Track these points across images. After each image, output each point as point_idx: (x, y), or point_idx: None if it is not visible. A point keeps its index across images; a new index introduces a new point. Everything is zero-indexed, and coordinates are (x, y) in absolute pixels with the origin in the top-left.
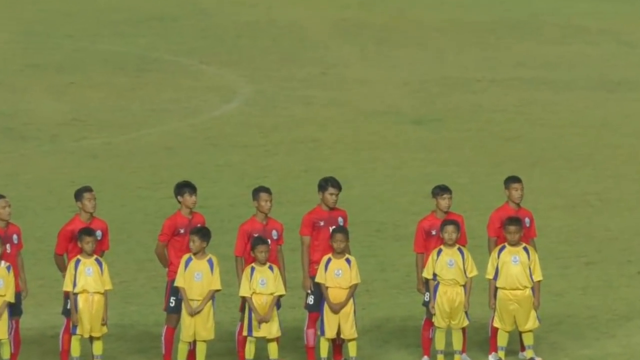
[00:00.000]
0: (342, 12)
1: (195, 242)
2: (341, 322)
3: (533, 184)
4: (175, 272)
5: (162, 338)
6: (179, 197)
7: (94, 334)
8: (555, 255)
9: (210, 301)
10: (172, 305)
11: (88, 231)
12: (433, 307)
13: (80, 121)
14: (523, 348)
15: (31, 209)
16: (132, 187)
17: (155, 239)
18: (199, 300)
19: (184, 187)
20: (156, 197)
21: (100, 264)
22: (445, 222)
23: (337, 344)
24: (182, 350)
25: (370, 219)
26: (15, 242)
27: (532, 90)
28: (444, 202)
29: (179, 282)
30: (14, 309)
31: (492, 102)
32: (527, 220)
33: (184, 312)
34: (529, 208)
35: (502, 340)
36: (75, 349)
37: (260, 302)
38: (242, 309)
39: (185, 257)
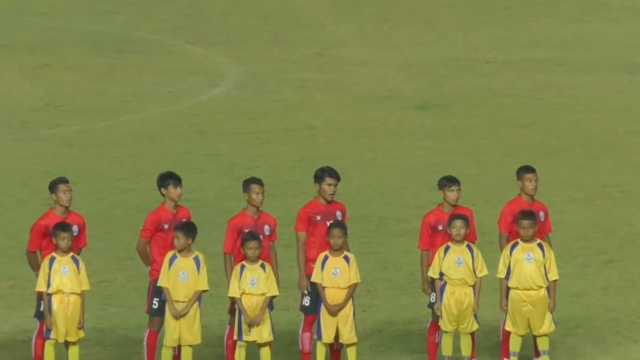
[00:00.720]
0: None
1: (180, 239)
2: (339, 326)
3: (548, 174)
4: (159, 271)
5: (144, 343)
6: (162, 190)
7: (70, 339)
8: (572, 253)
9: (197, 302)
10: (155, 307)
11: (63, 226)
12: (439, 309)
13: (54, 106)
14: (537, 353)
15: (1, 203)
16: (112, 179)
17: (136, 235)
18: (184, 302)
19: (168, 179)
20: (138, 190)
21: (76, 262)
22: (453, 217)
23: (335, 349)
24: (166, 356)
25: (370, 213)
26: None
27: (548, 72)
28: (451, 194)
29: (162, 282)
30: None
31: (504, 85)
32: (541, 214)
33: (167, 315)
34: (543, 201)
35: (514, 345)
36: (49, 354)
37: (251, 303)
38: (232, 311)
39: (169, 254)
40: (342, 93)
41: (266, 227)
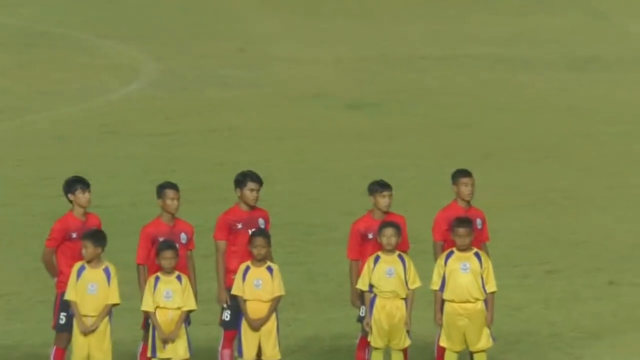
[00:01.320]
0: None
1: (89, 248)
2: (262, 342)
3: (488, 178)
4: (66, 284)
5: None
6: (69, 195)
7: None
8: (512, 262)
9: (107, 317)
10: (62, 322)
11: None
12: (369, 324)
13: None
14: None
15: None
16: (16, 183)
17: (42, 244)
18: (93, 316)
19: (76, 183)
20: (44, 195)
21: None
22: (384, 224)
23: None
24: None
25: (297, 220)
26: None
27: (487, 69)
28: (382, 200)
29: (69, 295)
30: None
31: (441, 83)
32: (478, 221)
33: (76, 331)
34: (481, 207)
35: None
36: None
37: (166, 318)
38: (145, 327)
39: (77, 265)
40: (267, 91)
41: (183, 235)
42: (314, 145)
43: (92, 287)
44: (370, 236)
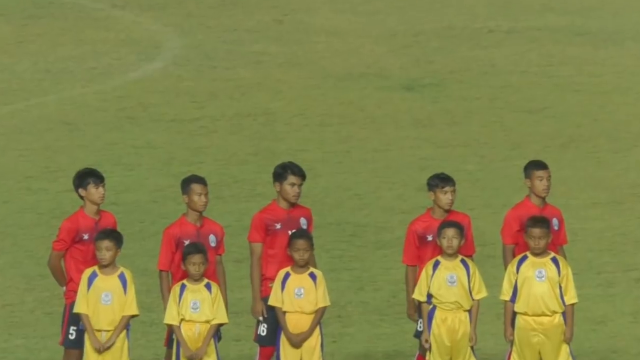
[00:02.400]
0: None
1: (108, 251)
2: None
3: (564, 171)
4: (76, 293)
5: None
6: (80, 190)
7: None
8: (595, 269)
9: (125, 331)
10: (71, 337)
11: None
12: (427, 340)
13: None
14: None
15: None
16: (20, 177)
17: (49, 247)
18: (108, 331)
19: (88, 177)
20: (52, 191)
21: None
22: (445, 224)
23: None
24: None
25: (343, 219)
26: None
27: (564, 44)
28: (444, 196)
29: (80, 307)
30: None
31: (510, 60)
32: (555, 221)
33: (87, 348)
34: (558, 204)
35: None
36: None
37: (192, 332)
38: (168, 343)
39: (88, 272)
40: (307, 70)
41: (212, 237)
42: (362, 133)
43: (106, 297)
44: (429, 238)
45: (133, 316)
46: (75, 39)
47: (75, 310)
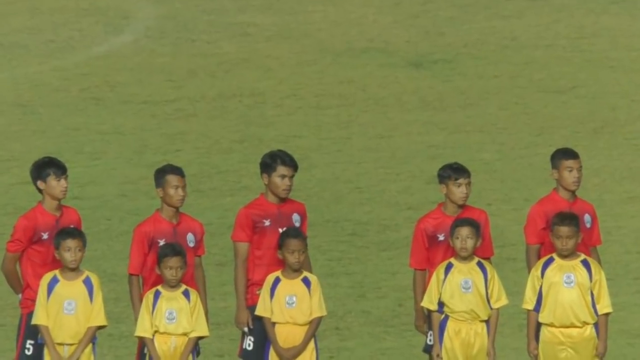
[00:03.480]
0: None
1: (73, 252)
2: None
3: (597, 161)
4: (34, 302)
5: None
6: (39, 183)
7: None
8: (632, 273)
9: (90, 345)
10: (28, 353)
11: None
12: (439, 355)
13: None
14: None
15: None
16: None
17: (2, 248)
18: (72, 345)
19: (48, 168)
20: (4, 183)
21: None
22: (459, 222)
23: None
24: None
25: (342, 216)
26: None
27: (598, 13)
28: (458, 190)
29: (39, 319)
30: None
31: (534, 32)
32: (587, 217)
33: None
34: (591, 199)
35: None
36: None
37: (167, 346)
38: (140, 358)
39: (48, 277)
40: (301, 44)
41: (190, 237)
42: (364, 117)
43: (69, 306)
44: (440, 238)
45: (100, 327)
46: (30, 7)
47: (34, 321)
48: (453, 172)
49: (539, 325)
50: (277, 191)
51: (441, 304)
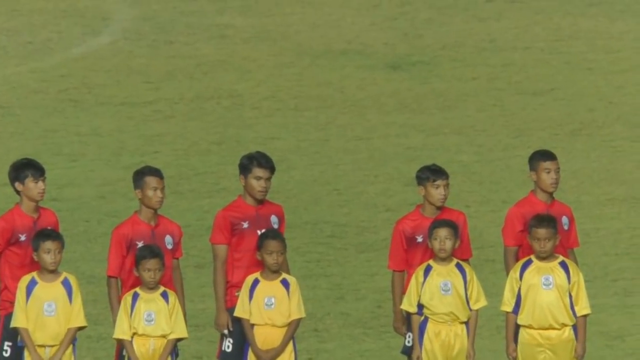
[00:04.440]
0: None
1: (52, 255)
2: None
3: (575, 163)
4: (12, 304)
5: None
6: (16, 185)
7: None
8: (611, 276)
9: (71, 346)
10: (6, 355)
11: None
12: (419, 357)
13: None
14: None
15: None
16: None
17: None
18: (53, 346)
19: (26, 169)
20: None
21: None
22: (437, 223)
23: None
24: None
25: (320, 218)
26: None
27: (575, 15)
28: (436, 191)
29: (18, 321)
30: None
31: (512, 35)
32: (564, 219)
33: None
34: (568, 201)
35: None
36: None
37: (146, 348)
38: (119, 359)
39: (26, 279)
40: (279, 46)
41: (168, 239)
42: (342, 119)
43: (49, 308)
44: (419, 239)
45: (80, 328)
46: (8, 8)
47: (13, 324)
48: (431, 173)
49: (517, 327)
50: (253, 193)
51: (420, 306)
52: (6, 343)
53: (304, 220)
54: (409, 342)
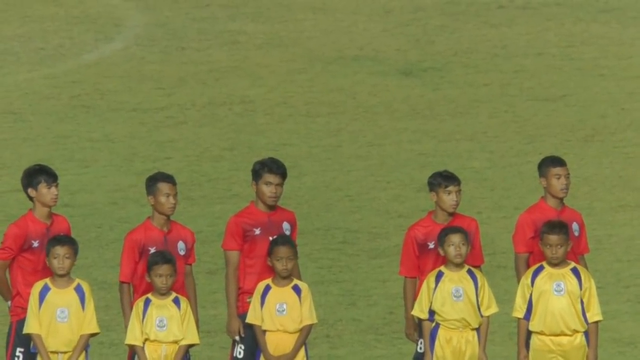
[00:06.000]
0: None
1: (61, 260)
2: None
3: (587, 169)
4: (24, 310)
5: None
6: (29, 191)
7: None
8: (623, 282)
9: (84, 352)
10: None
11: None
12: None
13: None
14: None
15: None
16: None
17: None
18: (66, 353)
19: (39, 175)
20: None
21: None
22: (449, 230)
23: None
24: None
25: (332, 224)
26: None
27: (587, 21)
28: (448, 197)
29: (31, 327)
30: None
31: (524, 41)
32: (575, 225)
33: None
34: (579, 207)
35: None
36: None
37: (158, 354)
38: None
39: (39, 285)
40: (291, 52)
41: (180, 245)
42: (354, 125)
43: (62, 314)
44: (431, 245)
45: (94, 334)
46: (20, 15)
47: (26, 330)
48: (443, 179)
49: (529, 333)
50: (264, 198)
51: (432, 313)
52: (18, 349)
53: (316, 227)
54: (420, 348)
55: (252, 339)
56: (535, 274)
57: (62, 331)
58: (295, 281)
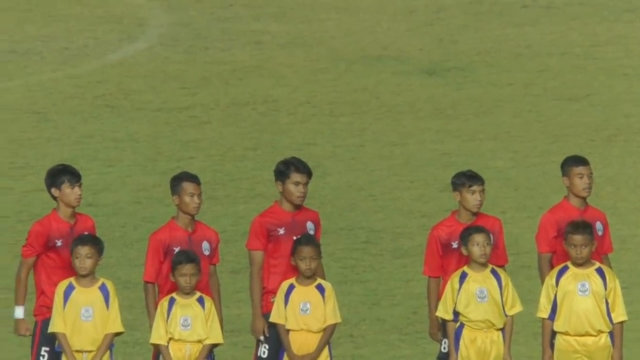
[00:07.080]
0: None
1: (82, 259)
2: None
3: (611, 169)
4: (49, 309)
5: None
6: (53, 190)
7: None
8: None
9: (108, 351)
10: None
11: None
12: None
13: None
14: None
15: None
16: None
17: (16, 255)
18: (90, 352)
19: (62, 175)
20: (18, 190)
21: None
22: (473, 229)
23: None
24: None
25: (355, 224)
26: None
27: (611, 21)
28: (471, 197)
29: (56, 326)
30: None
31: (548, 40)
32: (598, 225)
33: None
34: (603, 207)
35: None
36: None
37: (182, 354)
38: None
39: (64, 285)
40: (314, 52)
41: (205, 245)
42: (377, 124)
43: (86, 313)
44: (454, 245)
45: (118, 333)
46: (44, 14)
47: (51, 329)
48: (467, 179)
49: (553, 333)
50: (292, 198)
51: (456, 313)
52: (43, 348)
53: (340, 226)
54: (444, 348)
55: (277, 338)
56: (560, 274)
57: (87, 330)
58: (319, 280)
